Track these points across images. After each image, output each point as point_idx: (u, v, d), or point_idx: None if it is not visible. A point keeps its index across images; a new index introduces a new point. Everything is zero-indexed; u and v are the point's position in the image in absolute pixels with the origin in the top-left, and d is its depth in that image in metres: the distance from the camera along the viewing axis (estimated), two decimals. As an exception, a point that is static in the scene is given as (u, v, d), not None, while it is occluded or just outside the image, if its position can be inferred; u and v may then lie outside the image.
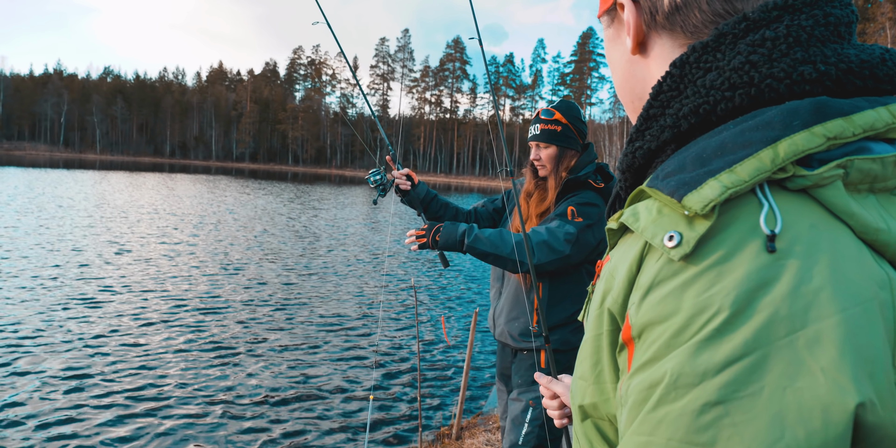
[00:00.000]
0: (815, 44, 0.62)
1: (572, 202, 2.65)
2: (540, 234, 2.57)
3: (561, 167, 2.76)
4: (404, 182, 2.98)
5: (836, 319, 0.47)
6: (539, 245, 2.53)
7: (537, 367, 2.72)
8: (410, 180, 3.00)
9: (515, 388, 2.81)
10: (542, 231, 2.59)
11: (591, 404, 0.70)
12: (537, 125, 2.78)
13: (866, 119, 0.57)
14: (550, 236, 2.56)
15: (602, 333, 0.65)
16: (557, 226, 2.60)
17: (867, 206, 0.56)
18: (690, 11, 0.69)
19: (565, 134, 2.75)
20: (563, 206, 2.66)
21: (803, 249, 0.51)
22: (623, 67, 0.80)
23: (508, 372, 2.93)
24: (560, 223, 2.61)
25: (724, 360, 0.48)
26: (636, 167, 0.74)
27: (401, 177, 2.98)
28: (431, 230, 2.64)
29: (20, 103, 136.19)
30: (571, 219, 2.60)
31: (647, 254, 0.60)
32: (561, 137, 2.75)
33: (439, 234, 2.62)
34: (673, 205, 0.57)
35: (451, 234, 2.60)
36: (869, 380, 0.46)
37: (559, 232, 2.57)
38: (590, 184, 2.71)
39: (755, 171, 0.54)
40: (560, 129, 2.75)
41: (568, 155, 2.78)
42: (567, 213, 2.62)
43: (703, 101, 0.64)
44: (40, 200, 22.01)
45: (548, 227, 2.60)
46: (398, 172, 2.99)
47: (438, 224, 2.66)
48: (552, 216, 2.67)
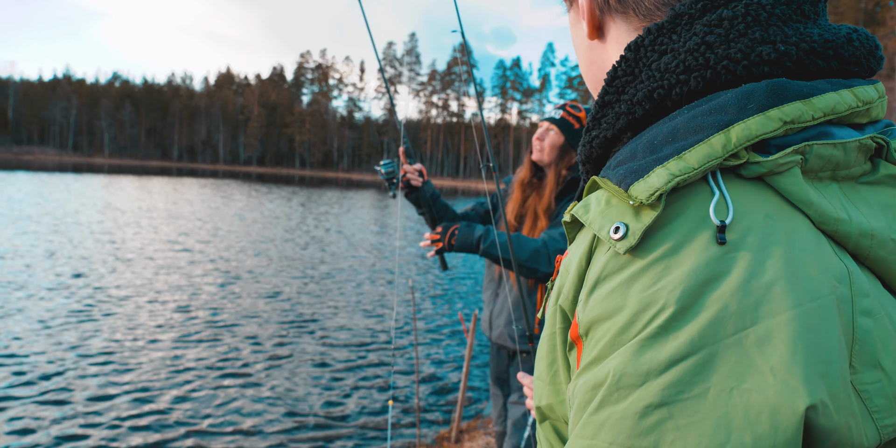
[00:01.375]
0: (775, 23, 0.59)
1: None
2: (556, 241, 2.54)
3: (561, 163, 2.72)
4: (416, 177, 2.82)
5: (789, 316, 0.45)
6: (556, 254, 2.48)
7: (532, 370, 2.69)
8: (421, 176, 2.86)
9: (515, 391, 2.78)
10: (558, 237, 2.56)
11: (547, 405, 0.68)
12: (560, 111, 2.74)
13: (827, 102, 0.54)
14: (550, 243, 2.55)
15: (556, 332, 0.63)
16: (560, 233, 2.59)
17: (828, 194, 0.53)
18: None
19: (579, 133, 2.70)
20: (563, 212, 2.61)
21: (756, 241, 0.48)
22: (584, 52, 0.77)
23: (504, 375, 2.89)
24: (561, 230, 2.60)
25: (669, 359, 0.46)
26: (594, 158, 0.71)
27: (413, 171, 2.82)
28: (447, 233, 2.60)
29: (30, 108, 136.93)
30: None
31: (597, 247, 0.57)
32: (574, 134, 2.71)
33: (455, 237, 2.58)
34: (620, 195, 0.54)
35: (467, 237, 2.57)
36: (822, 380, 0.44)
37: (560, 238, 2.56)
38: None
39: (705, 158, 0.51)
40: (578, 126, 2.71)
41: (570, 153, 2.74)
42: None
43: (658, 85, 0.61)
44: (49, 205, 22.11)
45: (549, 235, 2.58)
46: (411, 167, 2.83)
47: (453, 226, 2.62)
48: (558, 221, 2.66)
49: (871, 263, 0.53)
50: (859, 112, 0.56)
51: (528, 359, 2.74)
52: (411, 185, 2.82)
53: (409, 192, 2.85)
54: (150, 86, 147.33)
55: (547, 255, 2.49)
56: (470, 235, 2.57)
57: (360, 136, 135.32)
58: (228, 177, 70.43)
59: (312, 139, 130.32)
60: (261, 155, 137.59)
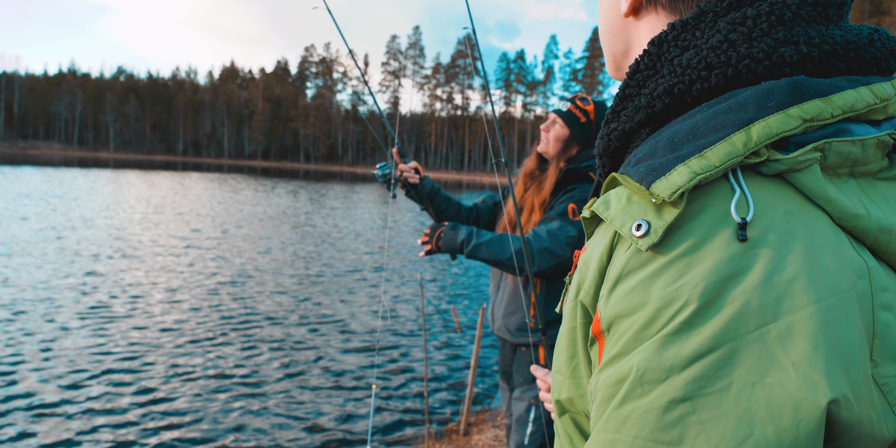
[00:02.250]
0: (799, 24, 0.59)
1: (574, 198, 2.59)
2: (542, 239, 2.51)
3: (563, 155, 2.71)
4: (413, 175, 2.90)
5: (810, 311, 0.45)
6: (541, 252, 2.49)
7: (536, 363, 2.66)
8: (418, 174, 2.94)
9: (517, 386, 2.78)
10: (544, 235, 2.53)
11: (567, 399, 0.68)
12: (567, 104, 2.74)
13: (846, 99, 0.54)
14: (552, 241, 2.50)
15: (576, 326, 0.63)
16: (559, 227, 2.53)
17: (847, 191, 0.54)
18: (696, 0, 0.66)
19: (586, 127, 2.71)
20: (564, 204, 2.60)
21: (777, 238, 0.48)
22: (613, 21, 0.76)
23: (510, 369, 2.89)
24: (561, 224, 2.54)
25: (692, 354, 0.46)
26: (612, 150, 0.71)
27: (409, 170, 2.90)
28: (434, 235, 2.62)
29: (35, 103, 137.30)
30: (573, 218, 2.55)
31: (618, 244, 0.58)
32: (580, 128, 2.70)
33: (441, 240, 2.60)
34: (642, 192, 0.54)
35: (451, 240, 2.58)
36: (843, 374, 0.44)
37: (561, 235, 2.51)
38: (590, 177, 2.65)
39: (726, 156, 0.52)
40: (584, 120, 2.71)
41: (574, 146, 2.72)
42: (568, 212, 2.56)
43: (679, 80, 0.61)
44: (57, 201, 22.17)
45: (549, 230, 2.54)
46: (406, 165, 2.91)
47: (440, 228, 2.63)
48: (553, 214, 2.60)
49: (889, 258, 0.53)
50: (877, 109, 0.56)
51: (527, 352, 2.73)
52: (409, 183, 2.90)
53: (408, 190, 2.93)
54: (155, 80, 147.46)
55: (532, 255, 2.47)
56: (454, 238, 2.58)
57: (364, 130, 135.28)
58: (233, 171, 70.49)
59: (317, 133, 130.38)
60: (265, 149, 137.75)
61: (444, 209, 3.04)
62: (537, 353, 2.68)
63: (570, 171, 2.65)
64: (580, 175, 2.65)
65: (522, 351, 2.78)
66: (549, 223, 2.59)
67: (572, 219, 2.55)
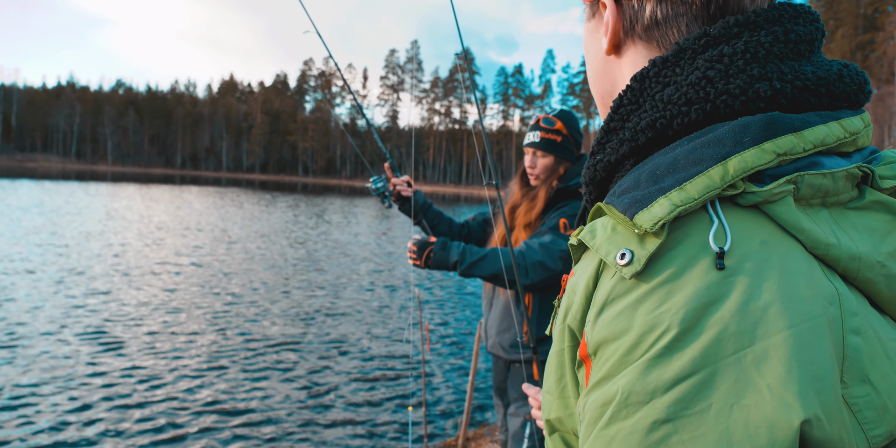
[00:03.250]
0: (772, 60, 0.62)
1: (565, 214, 2.59)
2: (535, 252, 2.51)
3: (552, 177, 2.72)
4: (406, 188, 2.95)
5: (784, 336, 0.48)
6: (534, 265, 2.48)
7: (530, 379, 2.67)
8: (410, 187, 2.98)
9: (513, 402, 2.79)
10: (537, 248, 2.52)
11: (557, 419, 0.71)
12: (537, 133, 2.71)
13: (817, 134, 0.57)
14: (545, 254, 2.50)
15: (564, 349, 0.66)
16: (551, 241, 2.54)
17: (819, 220, 0.56)
18: (669, 29, 0.69)
19: (564, 145, 2.70)
20: (556, 218, 2.60)
21: (752, 266, 0.51)
22: (597, 63, 0.80)
23: (504, 385, 2.89)
24: (553, 237, 2.54)
25: (673, 377, 0.48)
26: (598, 180, 0.74)
27: (401, 183, 2.95)
28: (423, 253, 2.59)
29: (33, 115, 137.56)
30: (564, 232, 2.55)
31: (603, 271, 0.60)
32: (559, 148, 2.70)
33: (430, 260, 2.58)
34: (625, 223, 0.57)
35: (443, 261, 2.57)
36: (815, 396, 0.46)
37: (553, 249, 2.51)
38: (580, 194, 2.61)
39: (705, 189, 0.54)
40: (560, 139, 2.69)
41: (561, 166, 2.73)
42: (559, 226, 2.56)
43: (660, 115, 0.64)
44: (56, 216, 22.14)
45: (541, 244, 2.54)
46: (398, 179, 2.96)
47: (429, 247, 2.60)
48: (544, 229, 2.61)
49: (859, 284, 0.56)
50: (846, 142, 0.60)
51: (521, 369, 2.74)
52: (402, 196, 2.95)
53: (401, 204, 2.98)
54: (154, 93, 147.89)
55: (525, 268, 2.47)
56: (445, 259, 2.56)
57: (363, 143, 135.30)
58: (232, 184, 70.50)
59: (315, 146, 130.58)
60: (264, 162, 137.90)
61: (437, 224, 3.05)
62: (531, 370, 2.67)
63: (559, 191, 2.65)
64: (570, 192, 2.65)
65: (516, 367, 2.78)
66: (541, 237, 2.59)
67: (563, 233, 2.54)
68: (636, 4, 0.70)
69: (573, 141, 2.73)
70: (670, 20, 0.69)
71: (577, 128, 2.75)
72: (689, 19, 0.68)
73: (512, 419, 2.77)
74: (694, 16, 0.68)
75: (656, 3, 0.69)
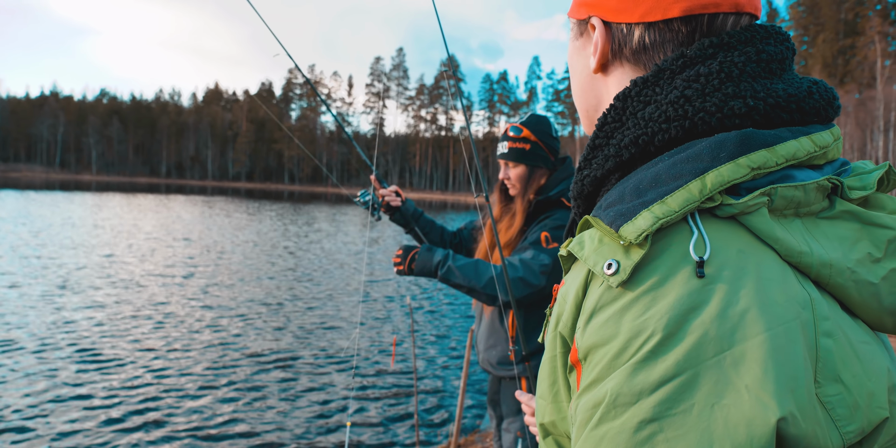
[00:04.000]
0: (745, 79, 0.66)
1: (546, 226, 2.52)
2: (516, 269, 2.45)
3: (530, 188, 2.63)
4: (395, 198, 2.88)
5: (760, 339, 0.51)
6: (515, 281, 2.42)
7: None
8: (399, 197, 2.91)
9: (505, 417, 2.76)
10: (518, 264, 2.46)
11: (550, 422, 0.75)
12: (505, 143, 2.64)
13: (788, 149, 0.61)
14: (526, 271, 2.44)
15: (556, 355, 0.69)
16: (532, 257, 2.47)
17: (792, 230, 0.60)
18: (656, 54, 0.73)
19: (534, 152, 2.62)
20: (537, 232, 2.53)
21: (730, 274, 0.54)
22: (583, 79, 0.83)
23: (497, 398, 2.87)
24: (535, 253, 2.48)
25: (658, 379, 0.51)
26: (586, 194, 0.78)
27: (390, 193, 2.88)
28: (407, 256, 2.55)
29: (16, 125, 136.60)
30: (546, 246, 2.48)
31: (591, 280, 0.63)
32: (530, 156, 2.61)
33: (415, 262, 2.54)
34: (611, 235, 0.60)
35: (426, 263, 2.52)
36: (790, 395, 0.50)
37: (534, 264, 2.44)
38: (563, 203, 2.57)
39: (684, 202, 0.58)
40: (529, 147, 2.61)
41: (538, 174, 2.64)
42: (541, 240, 2.49)
43: (643, 132, 0.68)
44: (42, 227, 21.97)
45: (522, 259, 2.48)
46: (386, 190, 2.89)
47: (414, 250, 2.57)
48: (526, 244, 2.55)
49: (830, 289, 0.59)
50: (817, 155, 0.64)
51: (512, 384, 2.71)
52: (392, 206, 2.89)
53: (392, 214, 2.92)
54: (138, 102, 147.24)
55: (505, 283, 2.39)
56: (429, 261, 2.52)
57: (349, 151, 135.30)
58: (217, 193, 70.24)
59: (301, 154, 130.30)
60: (249, 170, 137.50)
61: (428, 232, 3.01)
62: (520, 385, 2.64)
63: (540, 203, 2.58)
64: (552, 202, 2.58)
65: (507, 382, 2.74)
66: (522, 252, 2.53)
67: (546, 247, 2.48)
68: (625, 28, 0.73)
69: (545, 146, 2.63)
70: (657, 46, 0.72)
71: (547, 132, 2.65)
72: (675, 46, 0.71)
73: (505, 434, 2.74)
74: (680, 42, 0.71)
75: (644, 29, 0.72)
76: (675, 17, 0.70)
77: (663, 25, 0.71)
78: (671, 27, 0.71)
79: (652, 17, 0.71)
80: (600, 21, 0.75)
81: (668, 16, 0.70)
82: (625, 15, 0.73)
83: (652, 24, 0.71)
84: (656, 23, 0.71)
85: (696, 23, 0.70)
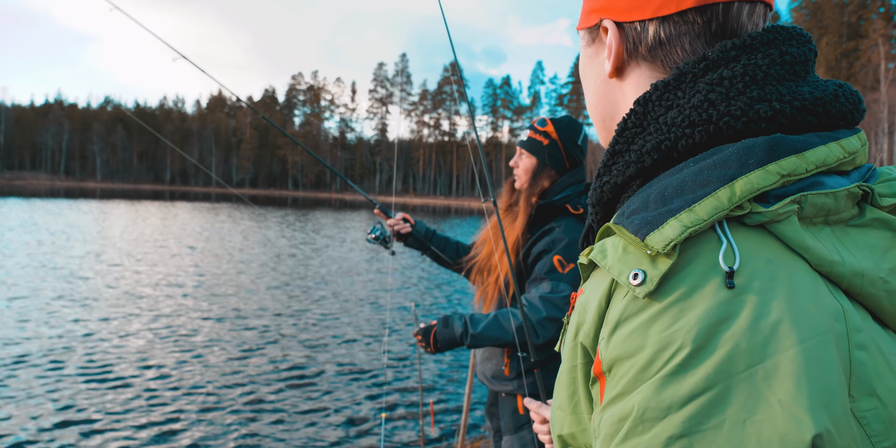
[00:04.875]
0: (770, 82, 0.64)
1: (554, 248, 2.42)
2: (538, 310, 2.35)
3: (534, 186, 2.55)
4: (404, 226, 2.93)
5: (793, 352, 0.49)
6: (541, 322, 2.33)
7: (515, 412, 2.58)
8: (408, 222, 2.96)
9: (504, 433, 2.68)
10: (539, 305, 2.36)
11: (569, 434, 0.73)
12: (527, 131, 2.61)
13: (818, 155, 0.59)
14: (549, 308, 2.35)
15: (577, 366, 0.67)
16: (551, 289, 2.38)
17: (822, 238, 0.58)
18: (673, 48, 0.71)
19: (550, 150, 2.53)
20: (548, 259, 2.43)
21: (761, 284, 0.52)
22: (598, 87, 0.82)
23: (494, 410, 2.82)
24: (553, 284, 2.39)
25: (688, 394, 0.50)
26: (605, 201, 0.76)
27: (398, 222, 2.93)
28: (430, 336, 2.46)
29: (21, 133, 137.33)
30: (563, 271, 2.39)
31: (615, 290, 0.61)
32: (543, 152, 2.53)
33: (438, 341, 2.44)
34: (637, 243, 0.58)
35: (449, 338, 2.42)
36: (825, 410, 0.48)
37: (557, 298, 2.35)
38: (566, 209, 2.49)
39: (713, 210, 0.56)
40: (547, 142, 2.53)
41: (545, 174, 2.55)
42: (556, 267, 2.40)
43: (665, 137, 0.66)
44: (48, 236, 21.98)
45: (542, 297, 2.38)
46: (393, 220, 2.95)
47: (433, 329, 2.47)
48: (541, 274, 2.44)
49: (862, 299, 0.57)
50: (846, 161, 0.62)
51: (508, 399, 2.64)
52: (402, 233, 2.95)
53: (405, 240, 2.97)
54: (143, 109, 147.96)
55: (532, 327, 2.33)
56: (451, 335, 2.43)
57: (352, 157, 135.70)
58: (222, 199, 70.29)
59: (305, 160, 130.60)
60: (253, 177, 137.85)
61: (444, 249, 3.01)
62: (515, 403, 2.58)
63: (542, 208, 2.51)
64: (555, 209, 2.50)
65: (503, 397, 2.67)
66: (538, 285, 2.44)
67: (563, 272, 2.39)
68: (639, 26, 0.72)
69: (564, 149, 2.54)
70: (673, 40, 0.70)
71: (572, 136, 2.55)
72: (691, 38, 0.70)
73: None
74: (696, 34, 0.69)
75: (659, 24, 0.70)
76: (689, 8, 0.68)
77: (678, 18, 0.69)
78: (686, 19, 0.69)
79: (666, 10, 0.69)
80: (612, 23, 0.74)
81: (682, 7, 0.68)
82: (637, 12, 0.71)
83: (666, 18, 0.70)
84: (671, 16, 0.69)
85: (711, 12, 0.68)
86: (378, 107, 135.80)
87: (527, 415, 2.56)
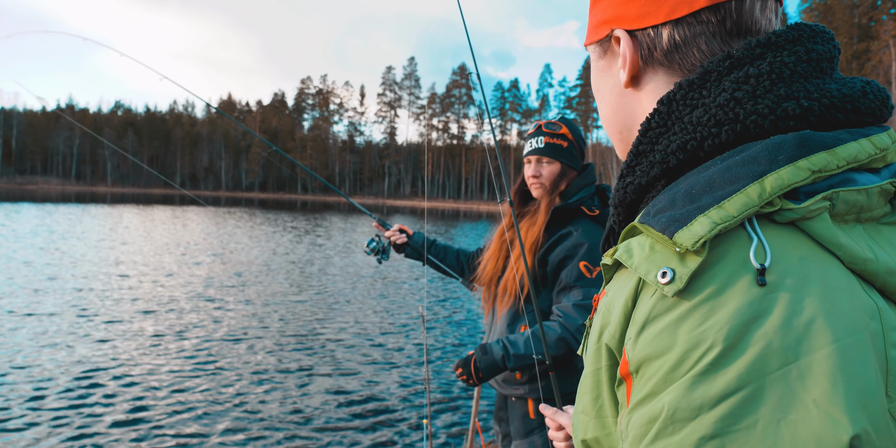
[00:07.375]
0: (797, 80, 0.63)
1: (581, 256, 2.40)
2: (572, 318, 2.34)
3: (557, 189, 2.53)
4: (399, 236, 3.00)
5: (828, 351, 0.48)
6: (579, 330, 2.31)
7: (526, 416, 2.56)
8: (405, 233, 3.03)
9: (513, 438, 2.66)
10: (573, 314, 2.34)
11: (593, 438, 0.71)
12: (541, 138, 2.53)
13: (849, 151, 0.58)
14: (584, 315, 2.33)
15: (601, 368, 0.66)
16: (584, 296, 2.37)
17: (855, 236, 0.57)
18: (689, 50, 0.70)
19: (570, 151, 2.53)
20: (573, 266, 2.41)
21: (793, 282, 0.51)
22: (613, 99, 0.81)
23: (502, 415, 2.78)
24: (583, 292, 2.38)
25: (720, 394, 0.49)
26: (628, 202, 0.75)
27: (394, 233, 3.02)
28: (470, 367, 2.43)
29: (33, 138, 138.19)
30: (591, 276, 2.37)
31: (642, 289, 0.60)
32: (567, 154, 2.52)
33: (480, 370, 2.40)
34: (665, 241, 0.58)
35: (490, 365, 2.38)
36: (863, 410, 0.46)
37: (590, 304, 2.32)
38: (583, 211, 2.46)
39: (743, 207, 0.55)
40: (566, 144, 2.52)
41: (568, 175, 2.55)
42: (583, 273, 2.38)
43: (691, 137, 0.65)
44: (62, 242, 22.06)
45: (576, 305, 2.36)
46: (390, 231, 3.03)
47: (472, 359, 2.44)
48: (569, 282, 2.41)
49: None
50: (877, 158, 0.60)
51: (517, 403, 2.62)
52: (399, 244, 3.01)
53: (403, 251, 3.03)
54: (153, 114, 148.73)
55: (572, 336, 2.31)
56: (492, 361, 2.39)
57: (361, 160, 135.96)
58: (231, 204, 70.52)
59: (314, 164, 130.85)
60: (263, 181, 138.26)
61: (443, 258, 3.03)
62: (528, 406, 2.56)
63: (558, 210, 2.48)
64: (571, 211, 2.48)
65: (513, 401, 2.65)
66: (568, 294, 2.41)
67: (591, 277, 2.37)
68: (652, 32, 0.71)
69: (578, 148, 2.55)
70: (689, 41, 0.70)
71: (580, 134, 2.59)
72: (707, 38, 0.69)
73: None
74: (712, 34, 0.69)
75: (673, 27, 0.70)
76: (702, 8, 0.68)
77: (692, 19, 0.69)
78: (700, 19, 0.69)
79: (679, 12, 0.69)
80: (624, 31, 0.74)
81: (695, 7, 0.68)
82: (649, 18, 0.71)
83: (679, 20, 0.69)
84: (684, 18, 0.69)
85: (724, 10, 0.68)
86: (387, 110, 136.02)
87: (537, 419, 2.55)
